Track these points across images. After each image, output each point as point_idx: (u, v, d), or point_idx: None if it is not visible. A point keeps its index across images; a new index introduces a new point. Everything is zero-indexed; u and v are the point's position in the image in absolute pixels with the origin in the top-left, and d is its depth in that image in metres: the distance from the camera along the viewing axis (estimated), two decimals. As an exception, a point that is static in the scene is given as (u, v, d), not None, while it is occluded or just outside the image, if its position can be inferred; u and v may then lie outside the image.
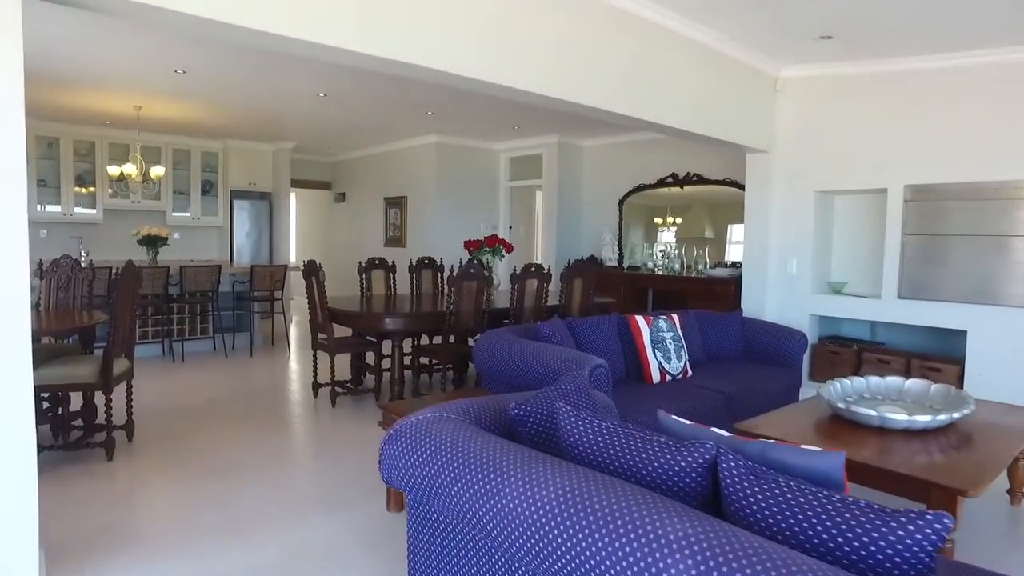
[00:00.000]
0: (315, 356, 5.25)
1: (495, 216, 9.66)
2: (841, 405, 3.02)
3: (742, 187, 7.47)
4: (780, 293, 5.95)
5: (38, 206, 8.55)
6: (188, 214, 9.55)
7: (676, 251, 7.81)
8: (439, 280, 6.51)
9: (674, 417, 1.87)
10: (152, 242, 7.13)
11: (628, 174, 8.59)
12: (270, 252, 10.08)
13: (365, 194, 10.40)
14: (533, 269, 5.24)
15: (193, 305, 7.01)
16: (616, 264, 8.45)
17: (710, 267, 7.56)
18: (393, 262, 6.19)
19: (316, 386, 5.26)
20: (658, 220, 8.63)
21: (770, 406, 4.80)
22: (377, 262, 6.07)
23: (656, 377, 4.26)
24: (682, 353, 4.47)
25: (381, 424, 3.12)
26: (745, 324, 5.17)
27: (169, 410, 4.86)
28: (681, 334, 4.57)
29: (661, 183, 8.19)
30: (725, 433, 1.75)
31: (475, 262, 6.66)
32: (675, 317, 4.63)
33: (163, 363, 6.60)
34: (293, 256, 10.26)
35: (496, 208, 9.66)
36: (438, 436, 1.80)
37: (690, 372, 4.48)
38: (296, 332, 8.63)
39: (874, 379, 3.50)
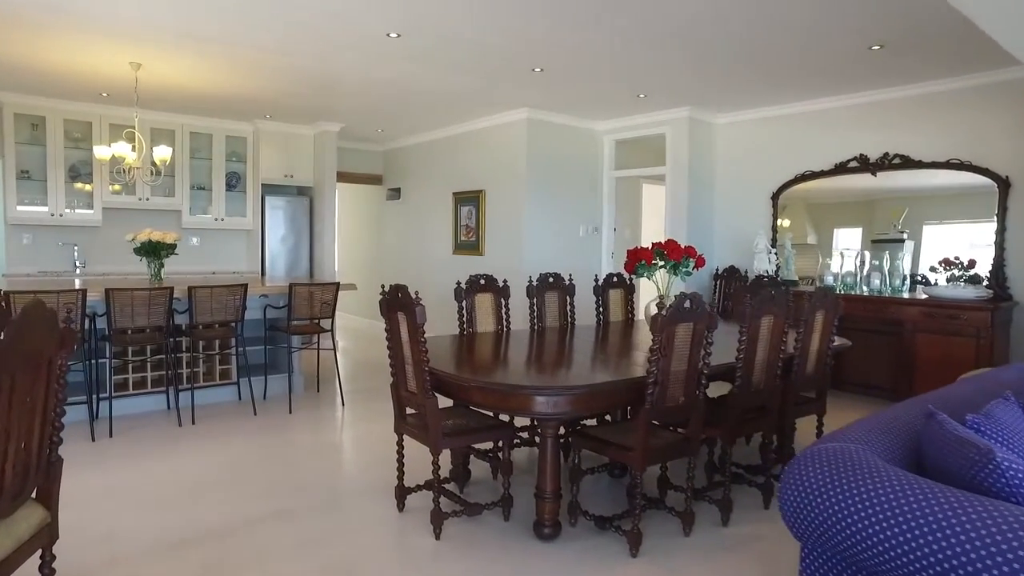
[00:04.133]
0: (401, 445, 3.15)
1: (596, 215, 7.51)
2: None
3: (982, 171, 5.23)
4: None
5: (18, 205, 6.64)
6: (209, 215, 7.58)
7: (886, 259, 5.58)
8: (570, 307, 4.37)
9: None
10: (154, 251, 5.12)
11: (784, 159, 6.41)
12: (310, 263, 8.06)
13: (427, 189, 8.32)
14: (772, 299, 3.08)
15: (209, 340, 4.97)
16: (773, 278, 6.23)
17: (934, 282, 5.34)
18: (505, 282, 4.07)
19: (402, 492, 3.15)
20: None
21: None
22: (483, 281, 3.96)
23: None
24: None
25: None
26: None
27: (150, 555, 2.79)
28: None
29: (841, 169, 6.00)
30: None
31: (621, 280, 4.53)
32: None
33: (165, 425, 4.57)
34: (336, 268, 8.22)
35: (597, 204, 7.52)
36: None
37: None
38: (346, 365, 6.56)
39: None
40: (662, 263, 3.68)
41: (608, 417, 3.69)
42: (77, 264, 7.04)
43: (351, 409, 5.11)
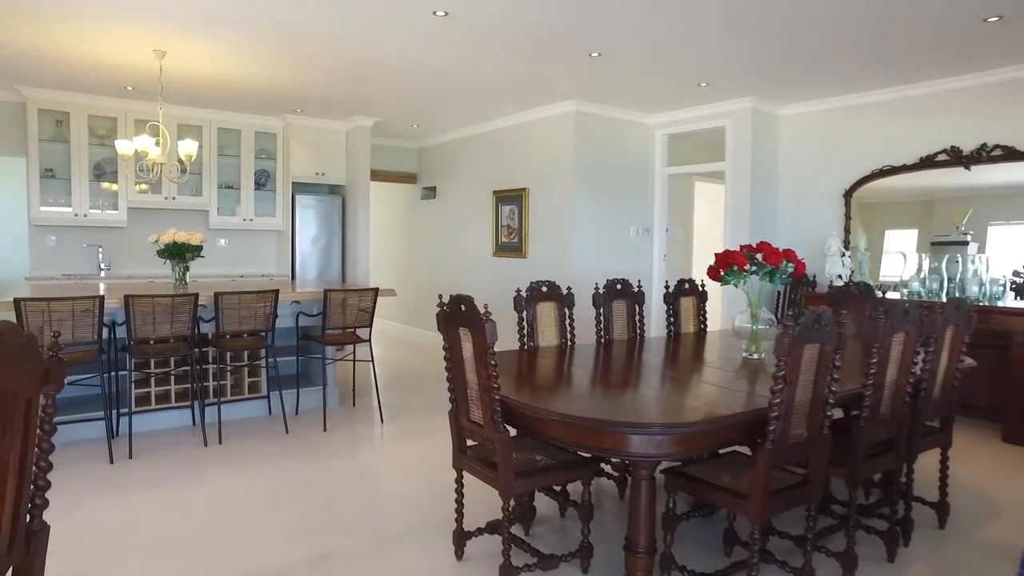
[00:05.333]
0: (460, 483, 2.69)
1: (647, 215, 7.00)
2: None
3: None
4: None
5: (41, 206, 6.33)
6: (238, 215, 7.22)
7: (983, 263, 4.99)
8: (638, 316, 3.88)
9: None
10: (179, 253, 4.74)
11: (859, 153, 5.85)
12: (343, 266, 7.66)
13: (465, 188, 7.88)
14: (906, 313, 2.56)
15: (237, 351, 4.56)
16: (846, 283, 5.66)
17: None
18: (570, 290, 3.59)
19: (462, 537, 2.69)
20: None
21: None
22: (545, 289, 3.49)
23: None
24: None
25: None
26: None
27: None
28: None
29: (927, 163, 5.41)
30: None
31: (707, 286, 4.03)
32: None
33: (190, 444, 4.17)
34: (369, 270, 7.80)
35: (648, 203, 7.01)
36: None
37: None
38: (381, 375, 6.13)
39: None
40: (754, 269, 3.17)
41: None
42: (102, 266, 6.72)
43: (390, 426, 4.67)
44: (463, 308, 2.39)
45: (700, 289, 4.21)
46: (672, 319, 4.02)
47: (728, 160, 6.29)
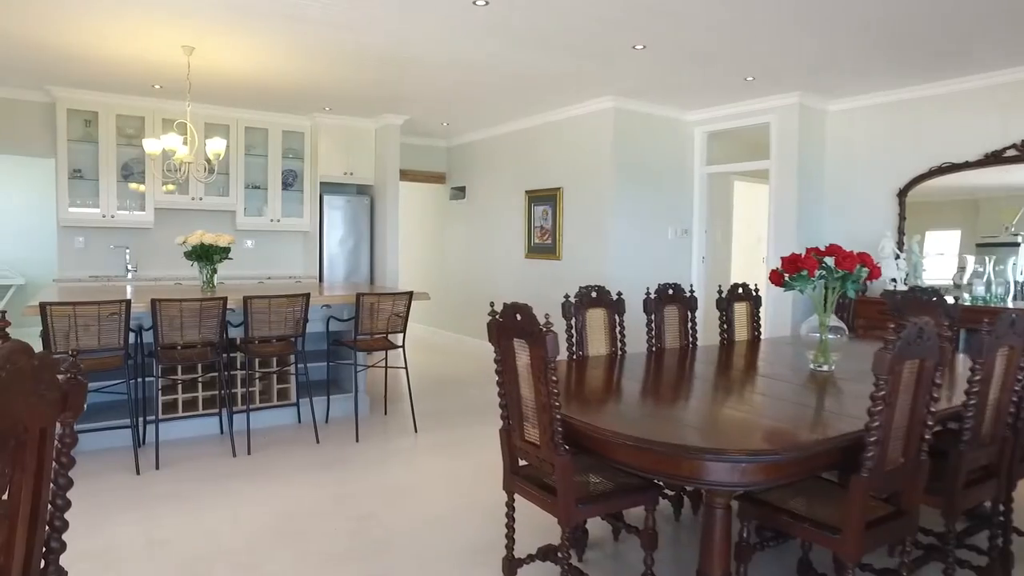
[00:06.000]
0: (511, 506, 2.47)
1: (686, 215, 6.73)
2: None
3: None
4: None
5: (70, 207, 6.24)
6: (264, 216, 7.08)
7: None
8: (690, 323, 3.63)
9: None
10: (207, 255, 4.59)
11: (913, 150, 5.53)
12: (371, 267, 7.49)
13: (496, 187, 7.67)
14: (1012, 324, 2.29)
15: (266, 356, 4.39)
16: (910, 288, 5.35)
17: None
18: (620, 295, 3.36)
19: (513, 564, 2.47)
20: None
21: None
22: (595, 294, 3.26)
23: None
24: None
25: None
26: None
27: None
28: None
29: (995, 159, 5.09)
30: None
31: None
32: None
33: (217, 454, 4.01)
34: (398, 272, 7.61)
35: (687, 203, 6.73)
36: None
37: None
38: (413, 381, 5.93)
39: None
40: (827, 273, 2.91)
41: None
42: (129, 268, 6.62)
43: (425, 437, 4.47)
44: (519, 318, 2.17)
45: (754, 294, 3.95)
46: (726, 326, 3.77)
47: (773, 158, 6.00)
